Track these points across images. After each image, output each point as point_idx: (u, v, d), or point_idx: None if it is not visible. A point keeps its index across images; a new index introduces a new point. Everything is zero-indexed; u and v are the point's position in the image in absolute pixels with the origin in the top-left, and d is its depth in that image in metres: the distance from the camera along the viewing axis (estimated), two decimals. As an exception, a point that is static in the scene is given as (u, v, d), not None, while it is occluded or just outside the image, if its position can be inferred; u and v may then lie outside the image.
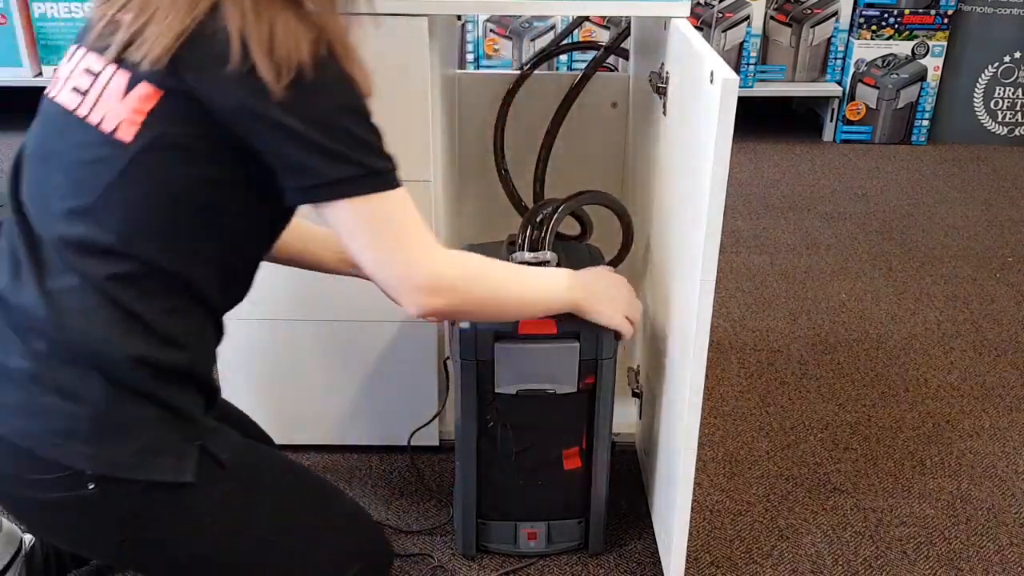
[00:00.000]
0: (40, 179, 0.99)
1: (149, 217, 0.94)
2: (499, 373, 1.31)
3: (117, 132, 0.93)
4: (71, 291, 0.94)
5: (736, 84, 1.02)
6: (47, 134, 1.01)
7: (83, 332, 0.93)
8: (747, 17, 3.22)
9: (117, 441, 0.94)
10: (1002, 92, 3.35)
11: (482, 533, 1.45)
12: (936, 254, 2.54)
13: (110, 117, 0.94)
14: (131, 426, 0.95)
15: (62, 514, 0.97)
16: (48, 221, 0.96)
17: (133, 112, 0.93)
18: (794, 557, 1.48)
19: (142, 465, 0.95)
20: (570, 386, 1.32)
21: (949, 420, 1.82)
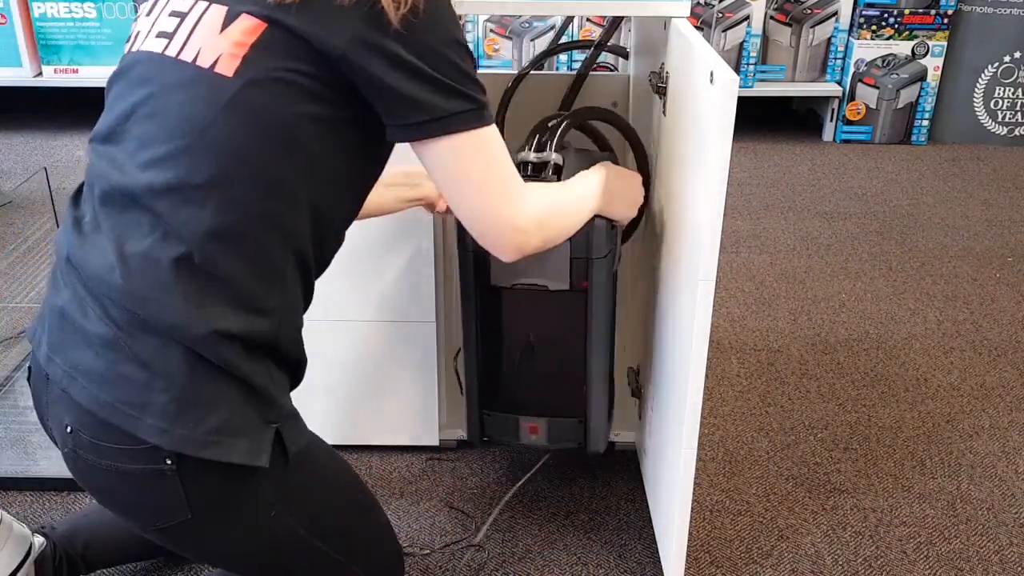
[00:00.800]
0: (124, 134, 0.95)
1: (249, 156, 0.91)
2: (494, 265, 1.34)
3: (216, 66, 0.91)
4: (151, 257, 0.91)
5: (736, 84, 1.02)
6: (128, 88, 0.97)
7: (161, 303, 0.90)
8: (747, 17, 3.22)
9: (194, 418, 0.91)
10: (1002, 92, 3.35)
11: (487, 424, 1.49)
12: (936, 254, 2.54)
13: (207, 51, 0.91)
14: (210, 403, 0.92)
15: (134, 485, 0.95)
16: (134, 174, 0.92)
17: (234, 45, 0.91)
18: (794, 557, 1.48)
19: (217, 445, 0.92)
20: (563, 283, 1.34)
21: (949, 420, 1.82)
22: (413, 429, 1.67)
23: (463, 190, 1.00)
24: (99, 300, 0.92)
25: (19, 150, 3.21)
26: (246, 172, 0.92)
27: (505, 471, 1.65)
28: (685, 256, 1.21)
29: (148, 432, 0.91)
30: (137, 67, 0.97)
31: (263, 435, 0.96)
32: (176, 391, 0.91)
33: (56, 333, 0.96)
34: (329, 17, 0.89)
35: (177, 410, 0.91)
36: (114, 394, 0.91)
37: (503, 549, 1.48)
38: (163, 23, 0.97)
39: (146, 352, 0.91)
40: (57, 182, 2.92)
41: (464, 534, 1.51)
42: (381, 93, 0.93)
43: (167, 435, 0.91)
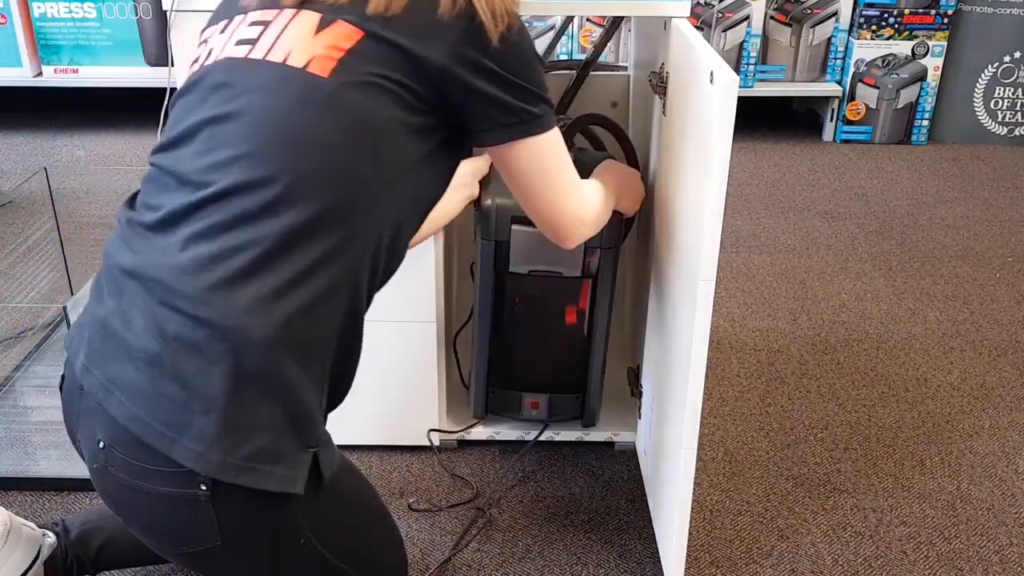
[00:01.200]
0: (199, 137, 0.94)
1: (339, 153, 0.92)
2: (514, 253, 1.47)
3: (310, 66, 0.92)
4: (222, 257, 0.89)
5: (736, 84, 1.02)
6: (199, 97, 0.97)
7: (227, 302, 0.88)
8: (747, 17, 3.22)
9: (232, 442, 0.88)
10: (1002, 92, 3.35)
11: (492, 399, 1.63)
12: (936, 254, 2.54)
13: (299, 53, 0.93)
14: (250, 428, 0.89)
15: (164, 508, 0.92)
16: (209, 174, 0.91)
17: (329, 48, 0.93)
18: (794, 557, 1.48)
19: (254, 472, 0.89)
20: (575, 270, 1.48)
21: (949, 420, 1.82)
22: (413, 429, 1.67)
23: (542, 187, 1.09)
24: (152, 307, 0.90)
25: (19, 150, 3.21)
26: (333, 169, 0.92)
27: (505, 471, 1.65)
28: (685, 256, 1.21)
29: (184, 455, 0.88)
30: (211, 76, 0.98)
31: (301, 461, 0.93)
32: (216, 414, 0.88)
33: (96, 344, 0.94)
34: (428, 31, 0.94)
35: (216, 434, 0.88)
36: (152, 412, 0.89)
37: (503, 549, 1.48)
38: (243, 32, 0.98)
39: (188, 371, 0.88)
40: (57, 182, 2.92)
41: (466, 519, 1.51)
42: (476, 102, 0.99)
43: (203, 459, 0.88)
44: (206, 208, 0.91)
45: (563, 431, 1.68)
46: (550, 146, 1.06)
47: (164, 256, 0.91)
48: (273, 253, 0.90)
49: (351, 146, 0.93)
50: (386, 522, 1.17)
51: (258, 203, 0.90)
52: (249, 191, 0.90)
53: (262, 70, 0.94)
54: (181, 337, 0.89)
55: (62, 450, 1.65)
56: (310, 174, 0.91)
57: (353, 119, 0.93)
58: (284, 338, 0.90)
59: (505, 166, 1.07)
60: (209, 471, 0.88)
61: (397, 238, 1.02)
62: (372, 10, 0.93)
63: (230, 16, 1.03)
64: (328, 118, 0.92)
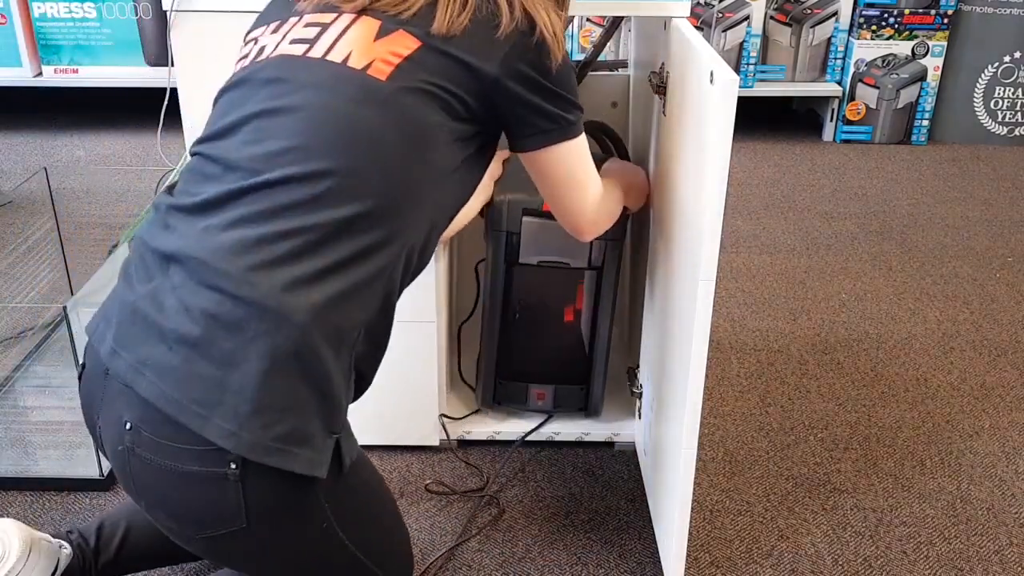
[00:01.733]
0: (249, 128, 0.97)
1: (391, 154, 0.96)
2: (524, 244, 1.52)
3: (369, 69, 0.96)
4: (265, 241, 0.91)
5: (736, 84, 1.02)
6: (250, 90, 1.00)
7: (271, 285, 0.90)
8: (747, 17, 3.22)
9: (263, 423, 0.90)
10: (1002, 92, 3.35)
11: (499, 390, 1.66)
12: (936, 254, 2.54)
13: (359, 55, 0.97)
14: (281, 409, 0.91)
15: (192, 488, 0.93)
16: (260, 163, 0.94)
17: (389, 53, 0.96)
18: (794, 557, 1.48)
19: (283, 453, 0.91)
20: (582, 261, 1.54)
21: (949, 420, 1.82)
22: (413, 429, 1.67)
23: (570, 187, 1.16)
24: (192, 287, 0.91)
25: (19, 150, 3.21)
26: (384, 168, 0.96)
27: (505, 470, 1.65)
28: (685, 256, 1.21)
29: (215, 433, 0.89)
30: (265, 71, 1.00)
31: (325, 445, 0.95)
32: (250, 393, 0.89)
33: (126, 328, 0.94)
34: (485, 46, 0.99)
35: (248, 413, 0.89)
36: (185, 391, 0.90)
37: (503, 549, 1.48)
38: (299, 32, 1.01)
39: (224, 351, 0.90)
40: (57, 182, 2.92)
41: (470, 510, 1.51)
42: (524, 112, 1.06)
43: (235, 438, 0.89)
44: (254, 195, 0.93)
45: (563, 431, 1.68)
46: (579, 148, 1.13)
47: (206, 236, 0.93)
48: (318, 243, 0.93)
49: (403, 148, 0.97)
50: (398, 517, 1.19)
51: (308, 195, 0.93)
52: (299, 183, 0.93)
53: (320, 68, 0.97)
54: (220, 316, 0.90)
55: (62, 450, 1.65)
56: (361, 172, 0.95)
57: (406, 122, 0.97)
58: (321, 322, 0.92)
59: (538, 168, 1.14)
60: (241, 449, 0.89)
61: (430, 237, 1.06)
62: (435, 29, 0.98)
63: (282, 18, 1.05)
64: (383, 119, 0.95)
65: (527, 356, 1.65)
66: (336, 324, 0.94)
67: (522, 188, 1.52)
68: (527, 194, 1.50)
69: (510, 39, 1.01)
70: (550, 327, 1.62)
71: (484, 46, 1.00)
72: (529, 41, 1.02)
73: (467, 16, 0.99)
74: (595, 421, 1.69)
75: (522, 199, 1.51)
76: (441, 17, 0.99)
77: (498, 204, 1.51)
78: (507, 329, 1.61)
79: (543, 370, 1.65)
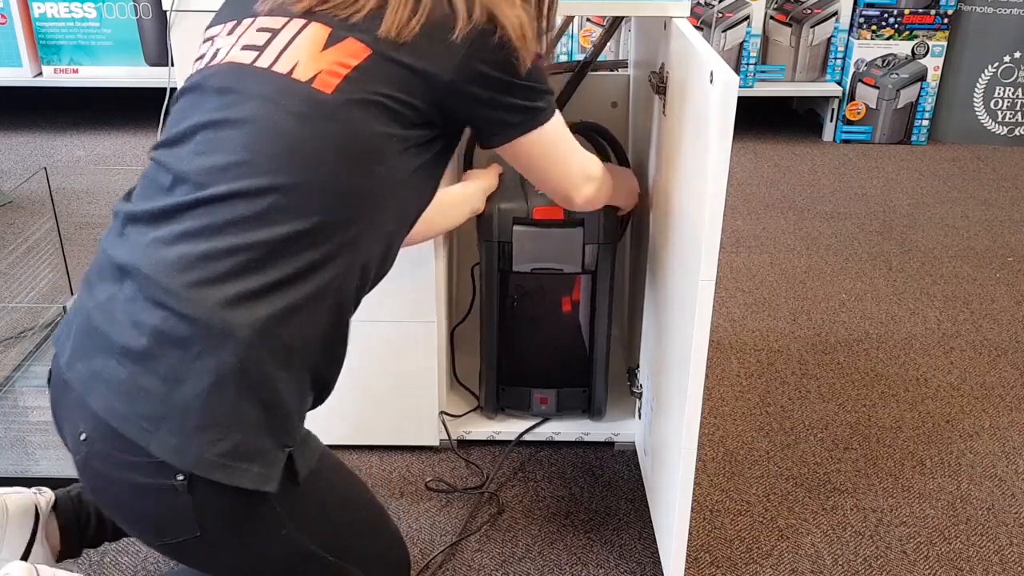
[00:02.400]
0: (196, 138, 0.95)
1: (335, 168, 0.93)
2: (516, 253, 1.52)
3: (314, 81, 0.93)
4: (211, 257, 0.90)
5: (736, 84, 1.02)
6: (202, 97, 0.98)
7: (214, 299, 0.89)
8: (747, 17, 3.22)
9: (209, 439, 0.90)
10: (1002, 92, 3.35)
11: (502, 396, 1.67)
12: (936, 254, 2.54)
13: (305, 66, 0.94)
14: (227, 425, 0.91)
15: (144, 499, 0.94)
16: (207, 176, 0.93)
17: (336, 64, 0.94)
18: (794, 557, 1.48)
19: (228, 468, 0.91)
20: (575, 266, 1.54)
21: (949, 420, 1.82)
22: (413, 429, 1.67)
23: (550, 166, 1.15)
24: (140, 302, 0.91)
25: (19, 150, 3.21)
26: (330, 184, 0.93)
27: (505, 470, 1.65)
28: (685, 256, 1.21)
29: (161, 448, 0.89)
30: (215, 78, 0.98)
31: (276, 460, 0.95)
32: (195, 409, 0.89)
33: (81, 338, 0.95)
34: (439, 52, 0.96)
35: (194, 428, 0.89)
36: (132, 405, 0.90)
37: (503, 549, 1.48)
38: (251, 37, 0.98)
39: (170, 367, 0.89)
40: (57, 182, 2.92)
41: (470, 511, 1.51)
42: (484, 111, 1.03)
43: (180, 453, 0.89)
44: (199, 209, 0.92)
45: (563, 430, 1.68)
46: (554, 131, 1.11)
47: (153, 250, 0.92)
48: (261, 260, 0.91)
49: (349, 162, 0.94)
50: (378, 518, 1.17)
51: (251, 212, 0.91)
52: (243, 199, 0.91)
53: (266, 80, 0.95)
54: (166, 332, 0.90)
55: (62, 450, 1.64)
56: (306, 188, 0.93)
57: (353, 136, 0.94)
58: (267, 338, 0.91)
59: (515, 158, 1.13)
60: (185, 464, 0.90)
61: (388, 247, 1.05)
62: (383, 32, 0.95)
63: (238, 17, 1.03)
64: (328, 134, 0.93)
65: (528, 361, 1.65)
66: (284, 340, 0.93)
67: (511, 197, 1.52)
68: (516, 203, 1.51)
69: (467, 40, 0.97)
70: (549, 332, 1.62)
71: (437, 50, 0.97)
72: (490, 41, 0.99)
73: (419, 20, 0.96)
74: (595, 421, 1.69)
75: (512, 208, 1.51)
76: (390, 21, 0.95)
77: (488, 214, 1.51)
78: (506, 335, 1.62)
79: (544, 374, 1.66)
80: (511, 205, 1.51)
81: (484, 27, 0.98)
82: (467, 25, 0.97)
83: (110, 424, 0.90)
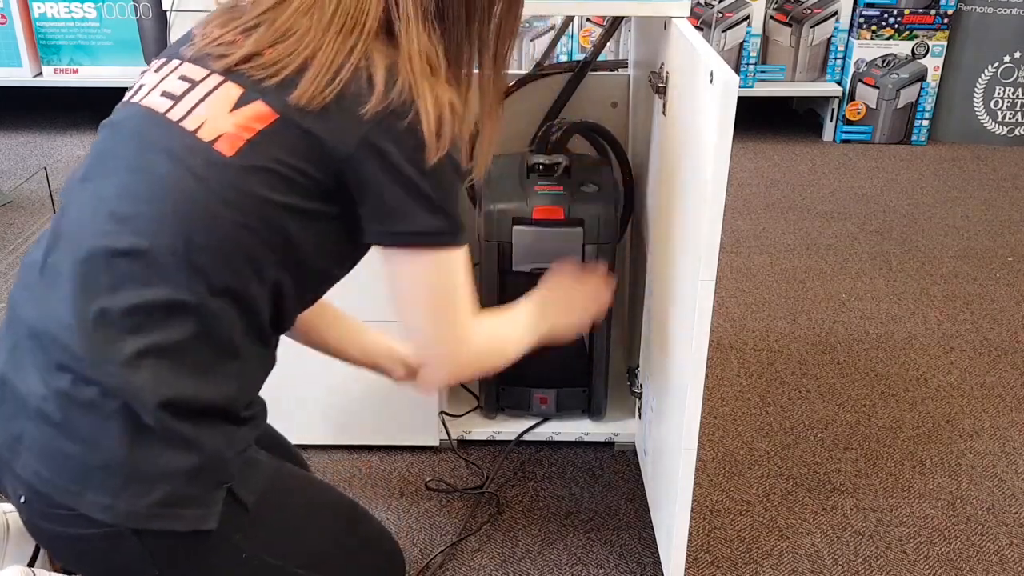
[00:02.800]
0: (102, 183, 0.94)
1: (227, 232, 0.91)
2: (516, 253, 1.52)
3: (217, 143, 0.91)
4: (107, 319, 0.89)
5: (736, 84, 1.02)
6: (119, 139, 0.97)
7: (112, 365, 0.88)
8: (747, 17, 3.22)
9: (136, 493, 0.90)
10: (1002, 92, 3.35)
11: (502, 396, 1.68)
12: (936, 254, 2.54)
13: (211, 125, 0.91)
14: (153, 477, 0.90)
15: (97, 549, 0.93)
16: (104, 227, 0.91)
17: (240, 127, 0.91)
18: (794, 557, 1.48)
19: (163, 516, 0.90)
20: None
21: (949, 420, 1.82)
22: (413, 429, 1.67)
23: (419, 305, 1.02)
24: (46, 364, 0.90)
25: (19, 150, 3.21)
26: (224, 247, 0.91)
27: (505, 470, 1.65)
28: (685, 256, 1.21)
29: (91, 508, 0.89)
30: (132, 120, 0.96)
31: (212, 499, 0.94)
32: (116, 467, 0.89)
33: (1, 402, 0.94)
34: (345, 124, 0.91)
35: (119, 485, 0.89)
36: (55, 470, 0.90)
37: (503, 549, 1.48)
38: (170, 84, 0.96)
39: (84, 428, 0.89)
40: (57, 182, 2.91)
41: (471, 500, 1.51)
42: (372, 197, 0.94)
43: (111, 510, 0.89)
44: (96, 264, 0.91)
45: (563, 431, 1.68)
46: (440, 266, 0.99)
47: (53, 307, 0.91)
48: (158, 317, 0.90)
49: (240, 227, 0.91)
50: (352, 522, 1.15)
51: (146, 269, 0.90)
52: (140, 256, 0.90)
53: (173, 135, 0.93)
54: (74, 396, 0.89)
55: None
56: (200, 249, 0.90)
57: (249, 202, 0.91)
58: (174, 391, 0.90)
59: (388, 269, 1.01)
60: (118, 520, 0.90)
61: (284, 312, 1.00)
62: (295, 98, 0.91)
63: (169, 56, 1.00)
64: (224, 198, 0.90)
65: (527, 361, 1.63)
66: (191, 392, 0.92)
67: (509, 197, 1.52)
68: (516, 203, 1.51)
69: (375, 118, 0.91)
70: None
71: (344, 123, 0.91)
72: (399, 124, 0.91)
73: (333, 90, 0.91)
74: (595, 421, 1.69)
75: (512, 208, 1.50)
76: (304, 88, 0.91)
77: (487, 213, 1.51)
78: None
79: (544, 374, 1.65)
80: (511, 205, 1.51)
81: (398, 107, 0.91)
82: (381, 102, 0.91)
83: (40, 489, 0.91)
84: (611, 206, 1.51)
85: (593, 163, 1.64)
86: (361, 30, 0.93)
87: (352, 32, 0.93)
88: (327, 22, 0.93)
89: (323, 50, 0.92)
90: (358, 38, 0.93)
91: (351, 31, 0.93)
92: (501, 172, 1.59)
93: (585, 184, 1.54)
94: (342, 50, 0.92)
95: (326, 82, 0.91)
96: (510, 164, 1.61)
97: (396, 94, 0.91)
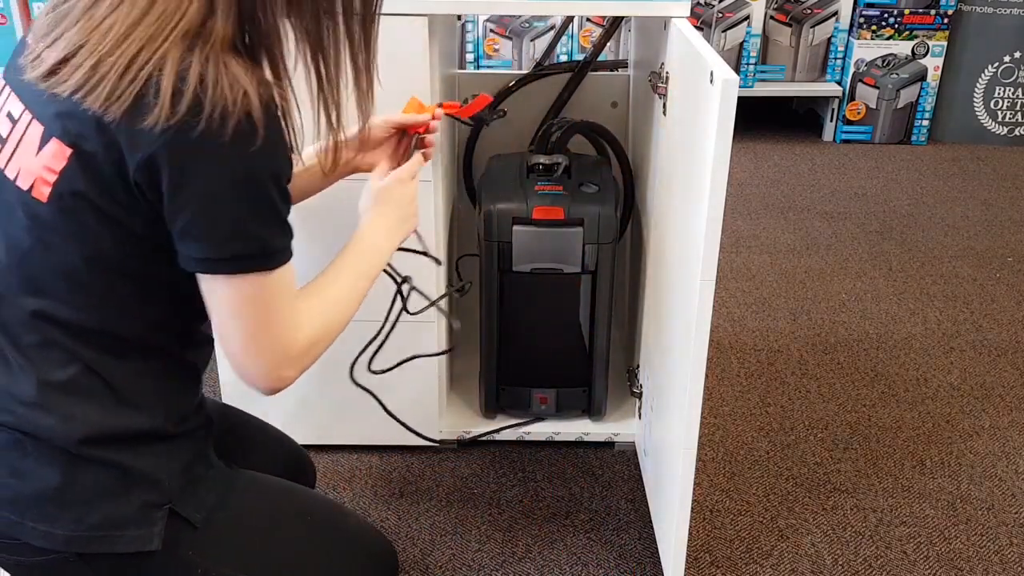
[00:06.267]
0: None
1: (73, 274, 0.89)
2: (516, 253, 1.52)
3: (33, 191, 0.88)
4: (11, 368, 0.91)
5: (736, 84, 1.02)
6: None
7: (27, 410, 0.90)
8: (747, 17, 3.22)
9: (73, 518, 0.91)
10: (1002, 92, 3.35)
11: (502, 396, 1.67)
12: (936, 254, 2.54)
13: (25, 173, 0.89)
14: (88, 501, 0.91)
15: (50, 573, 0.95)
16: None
17: (46, 170, 0.87)
18: (794, 557, 1.48)
19: (102, 539, 0.92)
20: (575, 266, 1.53)
21: (949, 420, 1.82)
22: (413, 429, 1.66)
23: (235, 330, 0.92)
24: None
25: (19, 150, 3.21)
26: (67, 289, 0.90)
27: (505, 470, 1.65)
28: (685, 256, 1.21)
29: (32, 535, 0.90)
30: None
31: (153, 519, 0.94)
32: (50, 495, 0.90)
33: None
34: (136, 138, 0.82)
35: (56, 511, 0.91)
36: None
37: (503, 549, 1.48)
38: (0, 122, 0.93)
39: (10, 464, 0.91)
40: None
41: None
42: (172, 216, 0.86)
43: (50, 536, 0.90)
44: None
45: (563, 431, 1.68)
46: (250, 291, 0.90)
47: None
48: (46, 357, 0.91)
49: (80, 265, 0.90)
50: (330, 526, 1.11)
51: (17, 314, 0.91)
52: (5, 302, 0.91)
53: (6, 187, 0.91)
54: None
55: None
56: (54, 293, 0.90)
57: (73, 241, 0.89)
58: (87, 434, 0.91)
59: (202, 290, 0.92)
60: (58, 546, 0.91)
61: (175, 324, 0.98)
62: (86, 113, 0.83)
63: (8, 81, 0.94)
64: (51, 243, 0.89)
65: (527, 361, 1.65)
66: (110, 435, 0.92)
67: (509, 197, 1.52)
68: (516, 203, 1.51)
69: (165, 131, 0.81)
70: (548, 331, 1.62)
71: (135, 137, 0.82)
72: (189, 134, 0.81)
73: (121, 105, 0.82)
74: (595, 421, 1.69)
75: (511, 208, 1.50)
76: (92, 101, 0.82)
77: (487, 214, 1.51)
78: (506, 335, 1.62)
79: (544, 374, 1.66)
80: (511, 205, 1.51)
81: (188, 118, 0.81)
82: (168, 113, 0.81)
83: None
84: (611, 206, 1.51)
85: (593, 163, 1.64)
86: (167, 33, 0.83)
87: (151, 36, 0.83)
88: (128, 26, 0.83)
89: (113, 57, 0.82)
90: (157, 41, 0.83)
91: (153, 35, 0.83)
92: (501, 172, 1.59)
93: (585, 184, 1.54)
94: (136, 56, 0.82)
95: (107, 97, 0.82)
96: (510, 164, 1.61)
97: (183, 102, 0.80)
